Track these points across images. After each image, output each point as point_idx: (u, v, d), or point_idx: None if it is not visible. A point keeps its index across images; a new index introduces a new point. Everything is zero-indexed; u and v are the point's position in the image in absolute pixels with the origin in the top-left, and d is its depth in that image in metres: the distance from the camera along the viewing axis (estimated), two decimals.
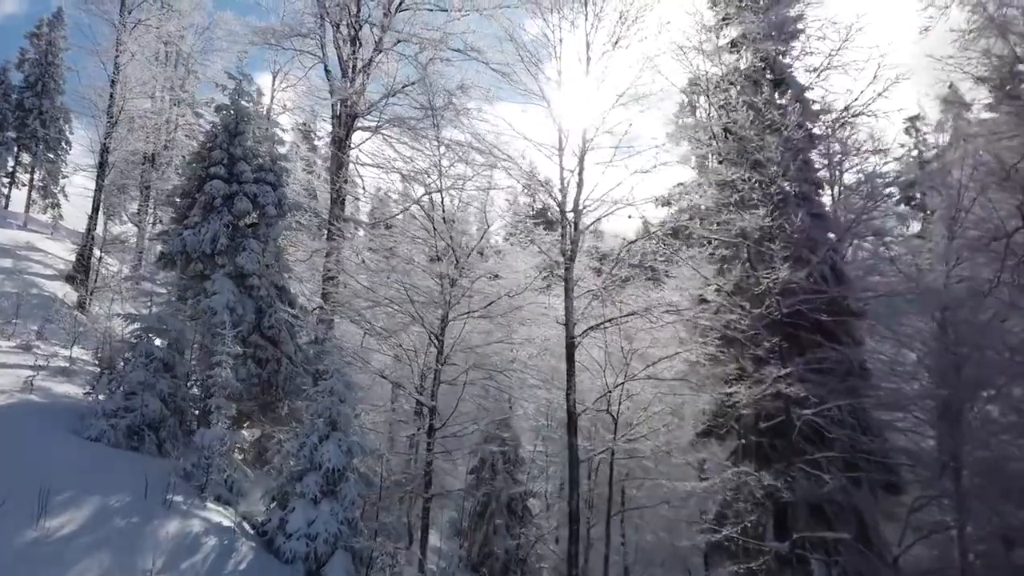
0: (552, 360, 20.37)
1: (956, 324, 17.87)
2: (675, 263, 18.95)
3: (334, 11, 24.20)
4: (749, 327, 17.02)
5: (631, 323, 17.80)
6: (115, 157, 30.74)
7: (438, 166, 18.74)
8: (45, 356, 20.15)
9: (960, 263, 19.64)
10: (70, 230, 44.32)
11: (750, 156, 17.75)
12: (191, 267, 19.86)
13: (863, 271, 20.35)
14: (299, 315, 20.99)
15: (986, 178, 19.50)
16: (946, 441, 17.71)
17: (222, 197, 20.06)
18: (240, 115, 21.18)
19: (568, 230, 17.83)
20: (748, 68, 20.98)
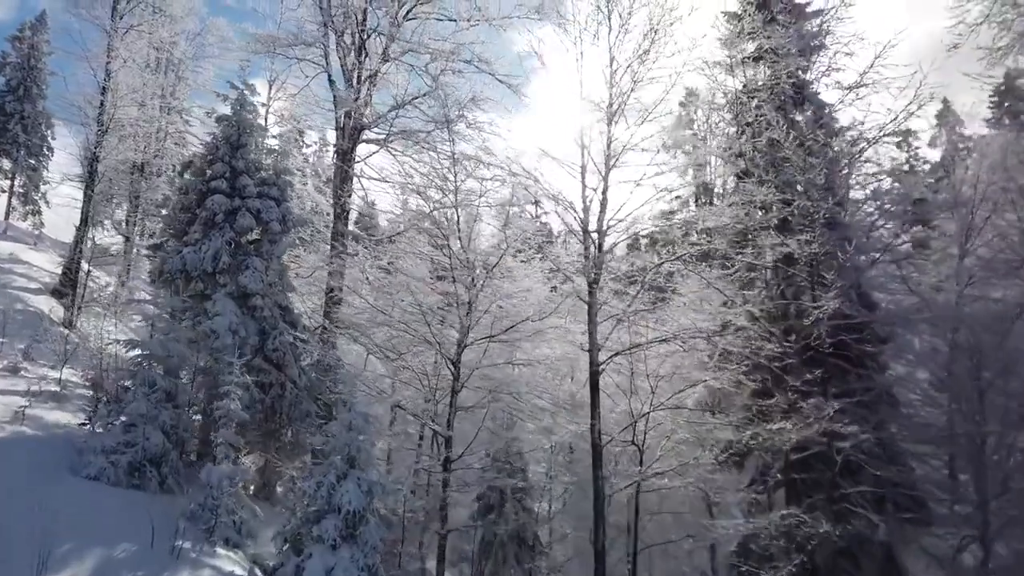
0: (568, 383, 19.61)
1: (979, 349, 17.41)
2: (697, 285, 18.27)
3: (339, 19, 23.32)
4: (782, 355, 16.29)
5: (654, 348, 17.02)
6: (104, 166, 29.54)
7: (452, 181, 17.82)
8: (34, 379, 19.11)
9: (972, 282, 19.23)
10: (54, 240, 42.94)
11: (788, 177, 17.05)
12: (191, 286, 18.86)
13: (887, 294, 19.81)
14: (304, 337, 20.03)
15: (1001, 196, 19.09)
16: (973, 473, 17.25)
17: (224, 213, 19.11)
18: (242, 126, 20.26)
19: (592, 251, 17.04)
20: (768, 84, 20.33)
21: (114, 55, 29.24)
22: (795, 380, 15.95)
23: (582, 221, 17.33)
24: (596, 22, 17.88)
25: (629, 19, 17.06)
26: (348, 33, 24.14)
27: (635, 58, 17.06)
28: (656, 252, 17.10)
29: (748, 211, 16.74)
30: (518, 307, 17.73)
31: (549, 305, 17.40)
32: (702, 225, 18.21)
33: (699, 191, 49.52)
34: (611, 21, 17.73)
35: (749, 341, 16.25)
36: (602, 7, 17.85)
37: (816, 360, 15.95)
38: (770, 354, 16.19)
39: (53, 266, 34.56)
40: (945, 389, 18.09)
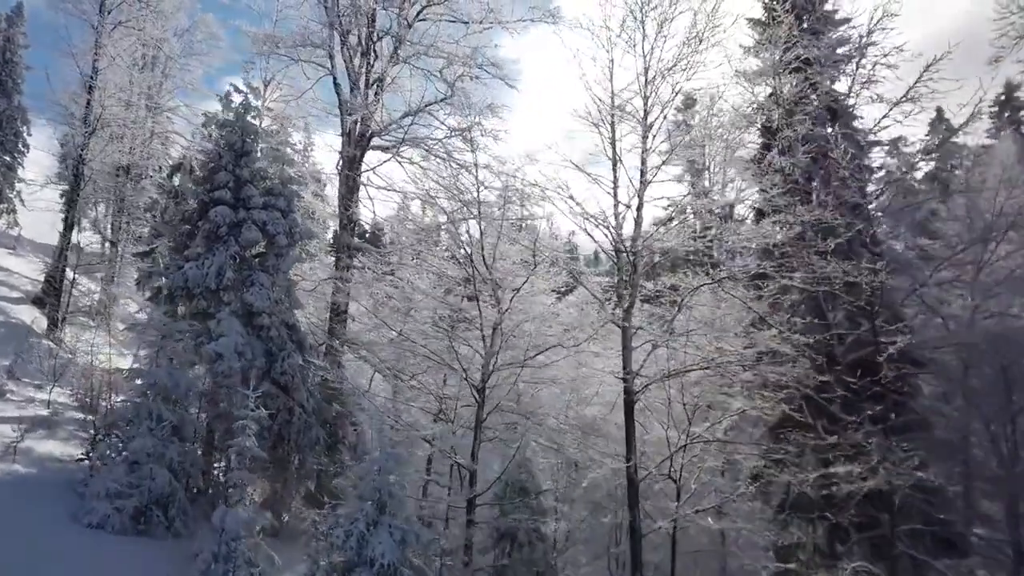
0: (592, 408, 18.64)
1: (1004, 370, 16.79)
2: (725, 307, 17.36)
3: (346, 19, 22.12)
4: (828, 386, 15.44)
5: (691, 374, 16.06)
6: (91, 169, 28.06)
7: (474, 192, 16.76)
8: (21, 402, 17.83)
9: (992, 297, 18.58)
10: (35, 243, 41.22)
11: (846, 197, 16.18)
12: (193, 304, 17.61)
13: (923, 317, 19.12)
14: (312, 359, 18.86)
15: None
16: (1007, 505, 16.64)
17: (228, 225, 17.88)
18: (246, 132, 19.03)
19: (625, 272, 16.06)
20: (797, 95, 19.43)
21: (102, 52, 27.82)
22: (848, 415, 15.11)
23: (615, 240, 16.36)
24: (630, 28, 16.98)
25: (668, 25, 16.07)
26: (354, 34, 22.96)
27: (676, 67, 16.10)
28: (694, 273, 16.11)
29: (800, 232, 15.77)
30: (546, 329, 16.62)
31: (580, 330, 16.26)
32: (743, 244, 17.37)
33: (697, 198, 49.06)
34: (645, 28, 16.80)
35: (793, 370, 15.30)
36: (635, 12, 16.92)
37: (874, 395, 15.11)
38: (814, 384, 15.32)
39: (34, 272, 33.04)
40: (975, 414, 17.52)
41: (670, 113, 16.44)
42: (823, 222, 15.44)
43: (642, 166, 16.38)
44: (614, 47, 16.96)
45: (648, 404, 17.02)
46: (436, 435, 15.74)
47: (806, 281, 15.32)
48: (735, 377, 15.49)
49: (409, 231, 21.89)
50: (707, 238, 16.56)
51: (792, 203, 16.25)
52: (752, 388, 15.90)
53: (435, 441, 15.92)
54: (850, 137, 19.79)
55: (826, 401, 15.68)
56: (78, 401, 20.05)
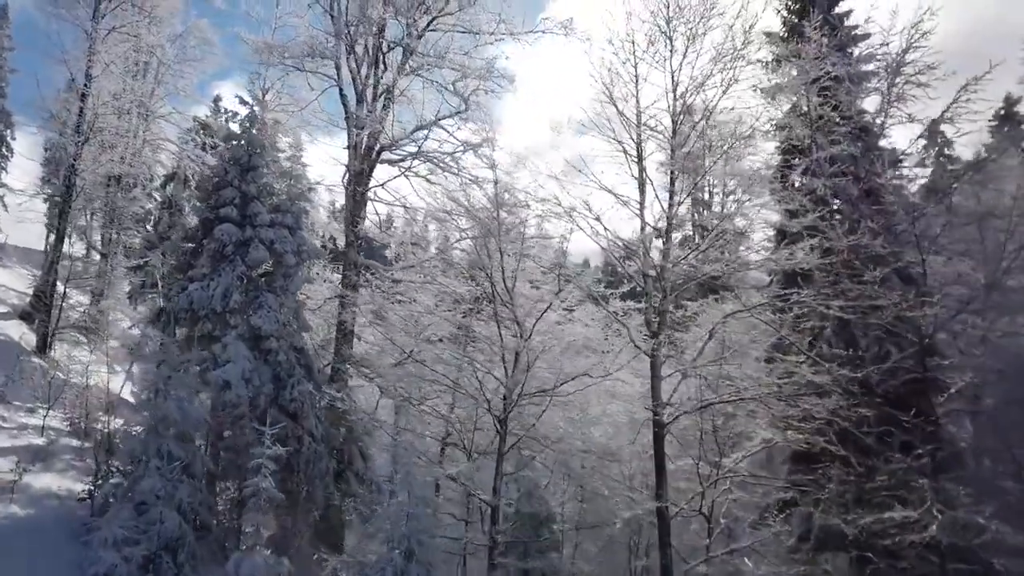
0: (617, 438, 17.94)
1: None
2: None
3: (355, 30, 21.35)
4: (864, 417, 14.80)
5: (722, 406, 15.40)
6: (83, 179, 27.02)
7: (493, 211, 16.02)
8: (13, 429, 16.90)
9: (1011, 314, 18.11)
10: (19, 249, 39.98)
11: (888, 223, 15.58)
12: (198, 327, 16.77)
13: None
14: (321, 384, 18.06)
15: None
16: None
17: (234, 244, 17.09)
18: (253, 146, 18.23)
19: (653, 298, 15.37)
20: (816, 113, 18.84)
21: (96, 58, 26.86)
22: (884, 447, 14.47)
23: (642, 264, 15.68)
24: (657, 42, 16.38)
25: (700, 40, 15.47)
26: (361, 44, 22.18)
27: (707, 84, 15.49)
28: (721, 298, 15.48)
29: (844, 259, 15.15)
30: (571, 356, 15.92)
31: (609, 360, 15.56)
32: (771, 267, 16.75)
33: (697, 213, 48.60)
34: (674, 43, 16.18)
35: (830, 402, 14.63)
36: (663, 27, 16.31)
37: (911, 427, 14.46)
38: (853, 416, 14.68)
39: (21, 284, 31.96)
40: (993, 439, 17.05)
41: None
42: (866, 248, 14.80)
43: (671, 187, 15.78)
44: (640, 62, 16.43)
45: (676, 435, 16.34)
46: (462, 474, 14.92)
47: (845, 309, 14.65)
48: (771, 409, 14.79)
49: (420, 249, 21.13)
50: (734, 262, 15.94)
51: (827, 227, 15.67)
52: (785, 419, 15.22)
53: (460, 478, 15.08)
54: (879, 157, 19.30)
55: (862, 433, 15.04)
56: (72, 426, 19.13)
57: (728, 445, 15.35)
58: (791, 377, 14.73)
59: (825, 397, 14.65)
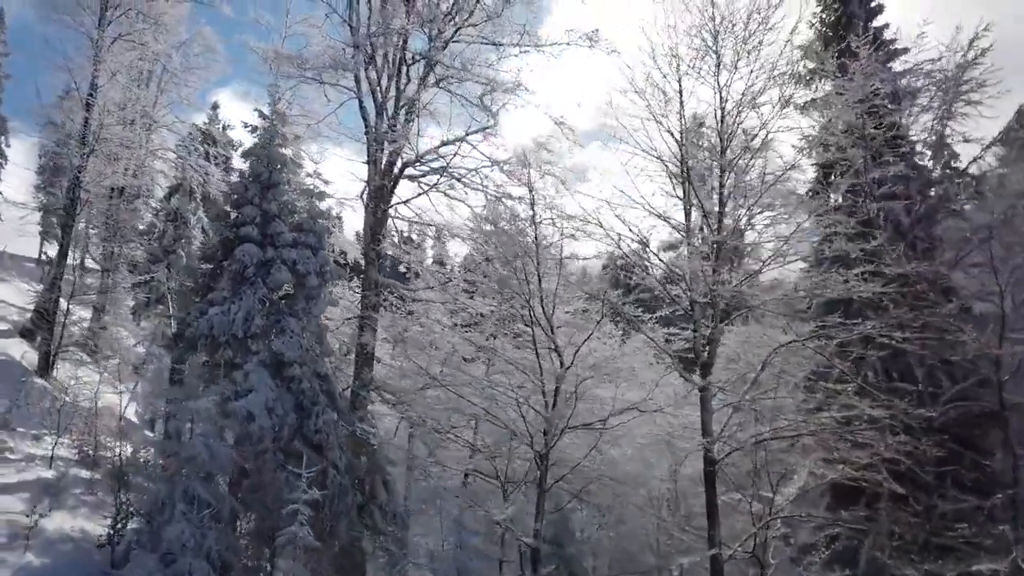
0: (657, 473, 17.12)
1: None
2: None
3: (376, 40, 20.54)
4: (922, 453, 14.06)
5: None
6: (87, 192, 26.05)
7: (531, 233, 15.22)
8: (20, 461, 15.98)
9: None
10: (14, 258, 39.00)
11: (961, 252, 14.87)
12: (218, 354, 15.87)
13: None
14: (345, 411, 17.20)
15: None
16: None
17: (255, 265, 16.21)
18: (273, 162, 17.39)
19: (701, 327, 14.56)
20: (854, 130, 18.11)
21: (101, 67, 25.99)
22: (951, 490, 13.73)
23: (688, 288, 14.88)
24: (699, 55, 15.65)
25: (755, 54, 14.72)
26: (381, 54, 21.36)
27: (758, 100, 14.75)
28: (781, 329, 14.70)
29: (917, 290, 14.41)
30: (615, 386, 15.11)
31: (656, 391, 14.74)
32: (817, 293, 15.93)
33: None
34: (722, 57, 15.43)
35: (896, 440, 13.85)
36: (709, 41, 15.58)
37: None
38: (914, 454, 13.92)
39: (20, 298, 30.96)
40: None
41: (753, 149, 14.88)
42: (939, 276, 14.06)
43: (719, 207, 14.98)
44: (684, 76, 15.69)
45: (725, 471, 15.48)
46: (509, 518, 14.03)
47: (910, 341, 13.88)
48: (830, 444, 14.00)
49: (444, 268, 20.30)
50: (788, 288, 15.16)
51: (884, 252, 14.94)
52: (839, 454, 14.42)
53: (505, 523, 14.19)
54: (948, 179, 18.72)
55: (920, 470, 14.31)
56: (80, 454, 18.24)
57: (777, 481, 14.49)
58: (850, 410, 13.94)
59: (885, 432, 13.91)
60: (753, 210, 14.81)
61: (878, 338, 14.10)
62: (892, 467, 14.31)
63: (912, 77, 19.09)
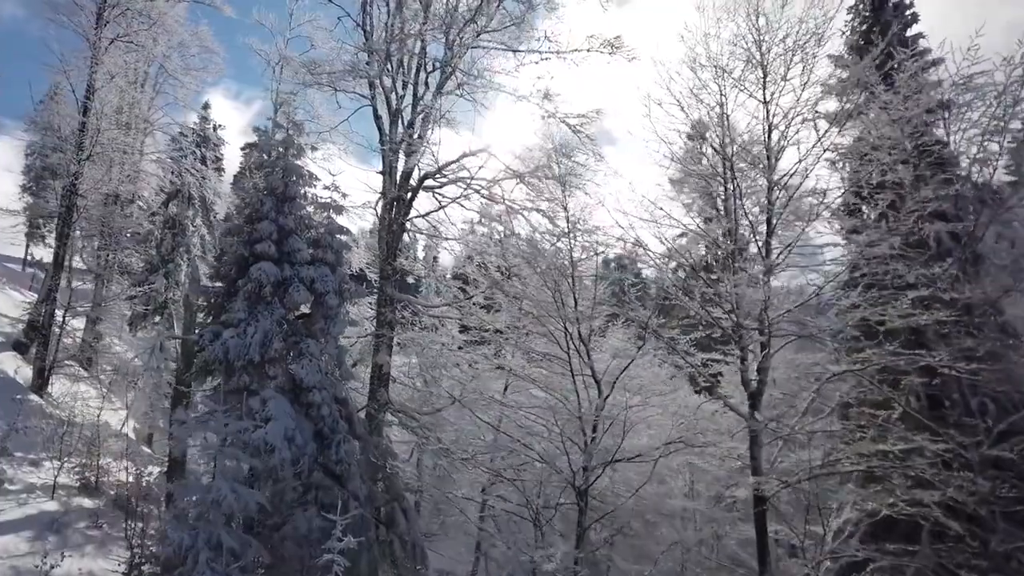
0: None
1: None
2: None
3: (394, 46, 19.67)
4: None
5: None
6: (85, 199, 24.97)
7: (567, 251, 14.43)
8: (21, 493, 15.02)
9: None
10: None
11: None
12: (233, 380, 14.93)
13: None
14: (367, 439, 16.34)
15: None
16: None
17: (272, 284, 15.30)
18: (289, 174, 16.48)
19: (751, 354, 13.83)
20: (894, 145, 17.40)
21: (98, 68, 24.98)
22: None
23: (733, 312, 14.14)
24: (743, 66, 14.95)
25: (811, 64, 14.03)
26: (396, 61, 20.50)
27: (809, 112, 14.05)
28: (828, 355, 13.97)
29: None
30: (656, 416, 14.32)
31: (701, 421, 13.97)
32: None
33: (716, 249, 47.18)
34: (767, 69, 14.72)
35: (949, 473, 13.16)
36: (753, 52, 14.87)
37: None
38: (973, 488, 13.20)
39: (11, 306, 29.84)
40: None
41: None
42: (992, 302, 13.36)
43: (767, 227, 14.23)
44: (727, 86, 14.99)
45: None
46: (562, 567, 13.17)
47: (974, 371, 13.17)
48: (889, 479, 13.28)
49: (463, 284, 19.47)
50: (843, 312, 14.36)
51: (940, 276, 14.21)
52: (899, 490, 13.69)
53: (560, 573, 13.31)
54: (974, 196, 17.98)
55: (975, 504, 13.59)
56: (82, 481, 17.26)
57: (829, 516, 13.76)
58: (907, 443, 13.22)
59: (943, 467, 13.22)
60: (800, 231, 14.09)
61: (940, 368, 13.34)
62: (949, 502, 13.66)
63: (958, 90, 18.40)
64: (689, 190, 15.49)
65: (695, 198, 15.77)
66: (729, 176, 14.56)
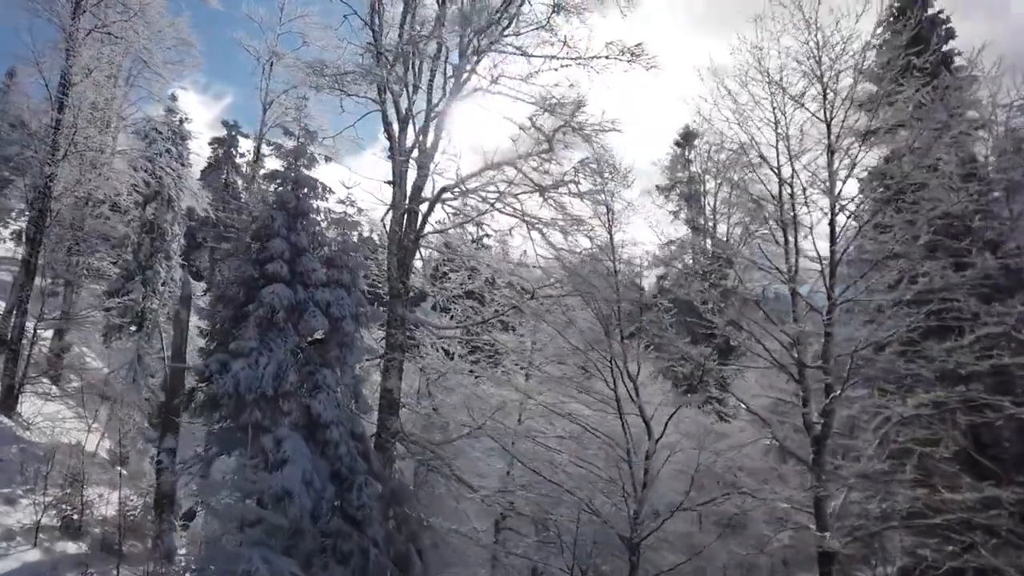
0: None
1: None
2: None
3: (407, 48, 18.33)
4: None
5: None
6: (60, 203, 23.11)
7: (614, 283, 13.28)
8: (1, 544, 13.41)
9: None
10: None
11: None
12: (244, 415, 13.47)
13: None
14: (385, 477, 15.03)
15: None
16: None
17: (286, 309, 13.90)
18: (300, 187, 15.12)
19: (814, 394, 12.81)
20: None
21: (75, 61, 23.16)
22: None
23: (792, 346, 13.12)
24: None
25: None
26: (408, 64, 19.12)
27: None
28: (897, 396, 13.01)
29: None
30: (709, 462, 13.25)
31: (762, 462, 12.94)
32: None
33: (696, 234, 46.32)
34: (826, 83, 13.75)
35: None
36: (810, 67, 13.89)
37: None
38: None
39: None
40: None
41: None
42: None
43: (831, 258, 13.19)
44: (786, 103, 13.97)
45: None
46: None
47: None
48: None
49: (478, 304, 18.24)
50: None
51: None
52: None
53: None
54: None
55: None
56: (64, 519, 15.63)
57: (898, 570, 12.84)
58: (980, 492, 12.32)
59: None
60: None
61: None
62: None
63: (1004, 110, 17.69)
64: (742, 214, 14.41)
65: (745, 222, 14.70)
66: (788, 202, 13.49)
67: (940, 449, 13.52)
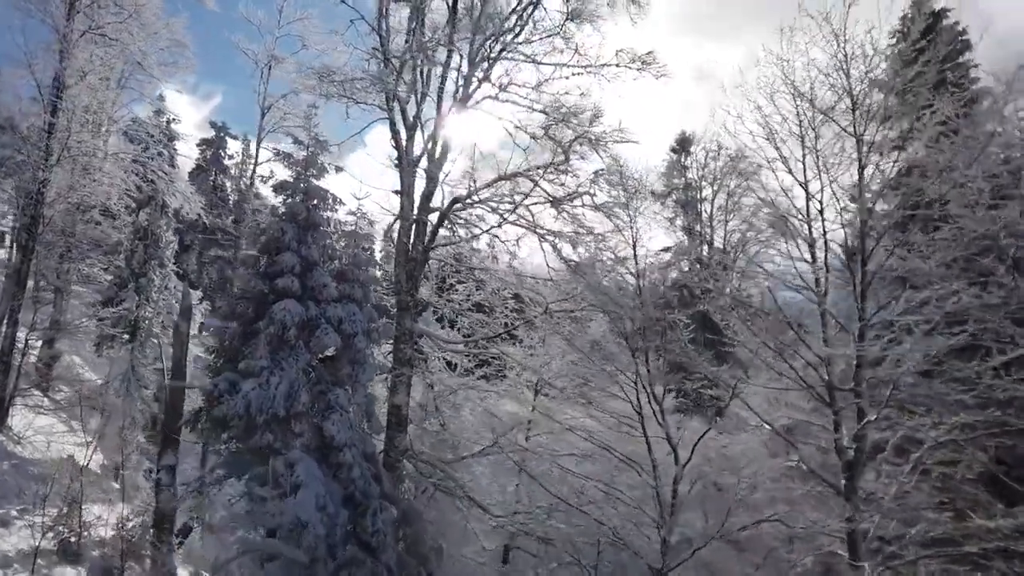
0: None
1: None
2: None
3: (417, 56, 17.81)
4: None
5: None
6: (53, 210, 22.44)
7: (640, 303, 12.85)
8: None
9: None
10: None
11: None
12: (255, 437, 12.92)
13: None
14: (397, 498, 14.52)
15: None
16: None
17: (297, 326, 13.37)
18: (311, 198, 14.61)
19: (844, 418, 12.43)
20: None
21: (70, 64, 22.49)
22: None
23: (830, 378, 12.70)
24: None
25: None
26: (416, 71, 18.61)
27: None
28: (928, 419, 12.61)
29: None
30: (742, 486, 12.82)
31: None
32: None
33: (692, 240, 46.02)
34: (856, 98, 13.40)
35: None
36: (839, 80, 13.53)
37: None
38: None
39: None
40: None
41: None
42: None
43: (863, 277, 12.77)
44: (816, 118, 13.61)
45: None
46: None
47: None
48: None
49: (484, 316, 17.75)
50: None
51: None
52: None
53: None
54: None
55: None
56: (61, 542, 15.00)
57: None
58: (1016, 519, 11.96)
59: None
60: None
61: None
62: None
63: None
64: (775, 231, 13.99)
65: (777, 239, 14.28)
66: (817, 218, 13.10)
67: (962, 469, 13.23)
